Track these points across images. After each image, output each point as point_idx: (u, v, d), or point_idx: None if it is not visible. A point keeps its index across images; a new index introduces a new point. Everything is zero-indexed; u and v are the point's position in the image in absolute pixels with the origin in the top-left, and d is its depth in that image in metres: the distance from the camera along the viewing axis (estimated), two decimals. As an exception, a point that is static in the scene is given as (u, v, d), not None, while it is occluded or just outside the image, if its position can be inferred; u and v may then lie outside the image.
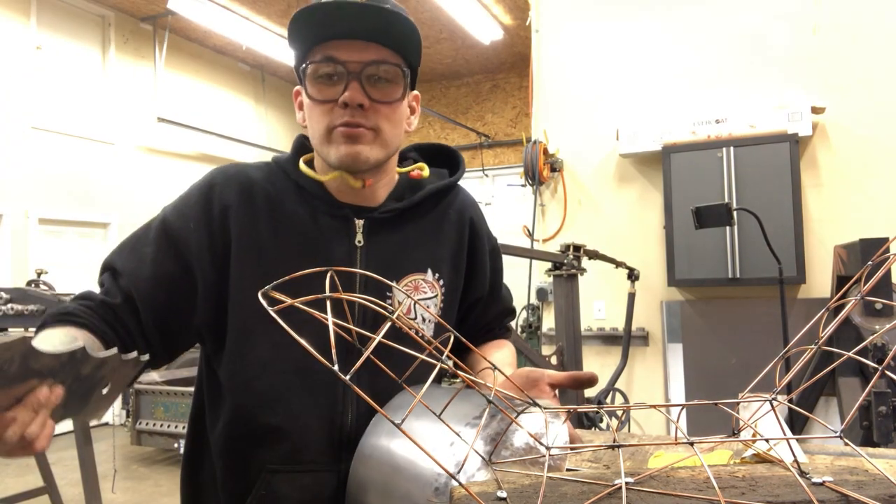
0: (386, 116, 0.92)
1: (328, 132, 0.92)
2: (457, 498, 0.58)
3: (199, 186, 0.96)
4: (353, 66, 0.89)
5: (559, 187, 4.38)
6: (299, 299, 0.56)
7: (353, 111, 0.89)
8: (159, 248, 0.92)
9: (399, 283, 0.98)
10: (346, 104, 0.89)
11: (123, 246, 0.95)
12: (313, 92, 0.91)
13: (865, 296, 0.63)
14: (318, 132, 0.93)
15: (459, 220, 1.06)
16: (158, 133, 7.27)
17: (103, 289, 0.92)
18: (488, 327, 1.17)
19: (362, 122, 0.90)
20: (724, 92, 3.95)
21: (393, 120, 0.93)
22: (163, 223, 0.94)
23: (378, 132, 0.92)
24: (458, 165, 1.10)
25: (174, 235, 0.92)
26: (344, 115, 0.90)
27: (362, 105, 0.89)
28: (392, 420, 0.54)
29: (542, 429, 0.72)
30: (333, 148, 0.92)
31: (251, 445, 0.92)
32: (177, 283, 0.91)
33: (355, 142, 0.91)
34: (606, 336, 4.20)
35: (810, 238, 3.70)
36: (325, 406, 0.91)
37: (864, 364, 0.68)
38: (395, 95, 0.92)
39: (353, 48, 0.89)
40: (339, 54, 0.89)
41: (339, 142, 0.91)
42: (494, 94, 9.12)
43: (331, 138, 0.92)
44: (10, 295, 2.89)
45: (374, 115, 0.91)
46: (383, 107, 0.91)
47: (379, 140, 0.92)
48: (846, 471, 0.62)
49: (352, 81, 0.89)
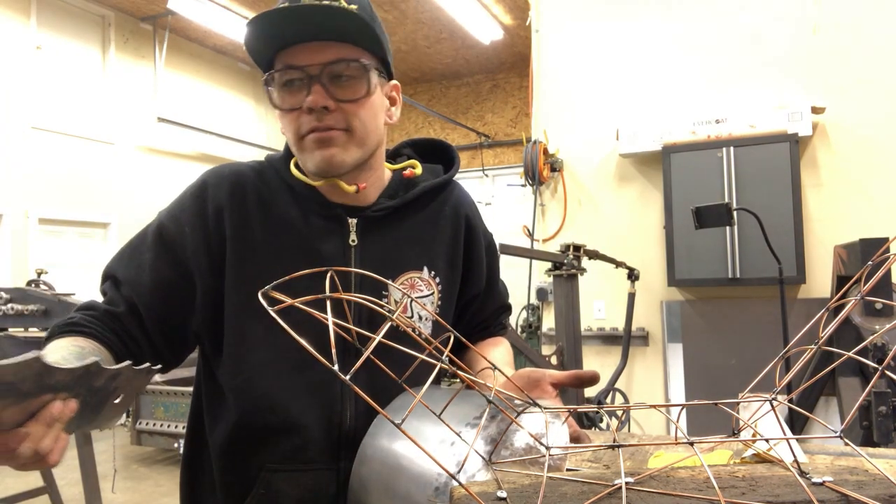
0: (355, 114, 0.90)
1: (300, 140, 0.91)
2: (457, 498, 0.58)
3: (193, 189, 0.96)
4: (312, 69, 0.87)
5: (559, 187, 4.38)
6: (299, 299, 0.56)
7: (320, 114, 0.88)
8: (157, 254, 0.92)
9: (395, 282, 0.98)
10: (311, 109, 0.88)
11: (122, 253, 0.95)
12: (278, 101, 0.91)
13: (865, 296, 0.63)
14: (292, 141, 0.92)
15: (455, 216, 1.06)
16: (158, 133, 7.27)
17: (106, 298, 0.93)
18: (485, 324, 1.17)
19: (331, 124, 0.89)
20: (724, 92, 3.95)
21: (364, 117, 0.91)
22: (159, 228, 0.94)
23: (351, 131, 0.90)
24: (453, 161, 1.09)
25: (171, 240, 0.92)
26: (311, 121, 0.89)
27: (327, 107, 0.88)
28: (392, 420, 0.54)
29: (543, 429, 0.72)
30: (308, 155, 0.91)
31: (250, 445, 0.92)
32: (177, 288, 0.92)
33: (328, 145, 0.89)
34: (606, 336, 4.20)
35: (810, 238, 3.70)
36: (324, 405, 0.91)
37: (864, 364, 0.68)
38: (361, 92, 0.90)
39: (310, 51, 0.88)
40: (296, 60, 0.88)
41: (312, 148, 0.90)
42: (494, 94, 9.12)
43: (303, 146, 0.91)
44: (10, 295, 2.89)
45: (343, 116, 0.89)
46: (350, 105, 0.90)
47: (353, 140, 0.91)
48: (846, 471, 0.62)
49: (313, 85, 0.87)
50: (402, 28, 7.34)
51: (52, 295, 2.94)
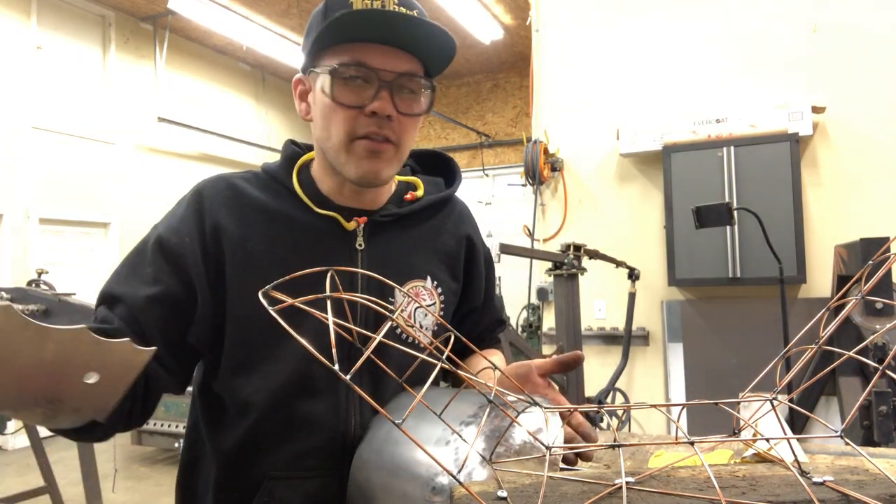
0: (408, 130, 0.90)
1: (350, 141, 0.88)
2: (457, 497, 0.58)
3: (188, 201, 0.93)
4: (385, 74, 0.85)
5: (559, 187, 4.38)
6: (299, 299, 0.56)
7: (381, 121, 0.86)
8: (159, 267, 0.88)
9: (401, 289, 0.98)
10: (375, 113, 0.85)
11: (119, 273, 0.90)
12: (339, 94, 0.86)
13: (866, 295, 0.63)
14: (338, 138, 0.88)
15: (456, 231, 1.06)
16: (159, 133, 7.27)
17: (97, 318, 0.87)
18: (480, 337, 1.17)
19: (388, 135, 0.87)
20: (724, 92, 3.95)
21: (412, 133, 0.91)
22: (158, 241, 0.90)
23: (398, 147, 0.90)
24: (455, 175, 1.09)
25: (172, 252, 0.89)
26: (370, 125, 0.86)
27: (390, 116, 0.86)
28: (392, 420, 0.54)
29: (541, 425, 0.72)
30: (354, 161, 0.88)
31: (254, 453, 0.91)
32: (181, 300, 0.88)
33: (377, 158, 0.88)
34: (607, 336, 4.20)
35: (810, 238, 3.70)
36: (328, 412, 0.90)
37: (864, 364, 0.68)
38: (420, 109, 0.90)
39: (387, 55, 0.86)
40: (372, 61, 0.85)
41: (362, 155, 0.88)
42: (495, 94, 9.12)
43: (351, 148, 0.88)
44: (10, 295, 2.89)
45: (399, 128, 0.88)
46: (407, 119, 0.89)
47: (398, 155, 0.91)
48: (847, 470, 0.62)
49: (382, 90, 0.85)
50: (402, 28, 7.34)
51: (53, 295, 2.94)
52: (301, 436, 0.90)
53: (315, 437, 0.90)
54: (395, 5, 0.84)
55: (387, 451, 0.77)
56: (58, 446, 5.28)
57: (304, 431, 0.90)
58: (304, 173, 0.98)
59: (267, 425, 0.90)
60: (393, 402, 0.85)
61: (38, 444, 3.14)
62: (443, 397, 0.68)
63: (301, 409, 0.90)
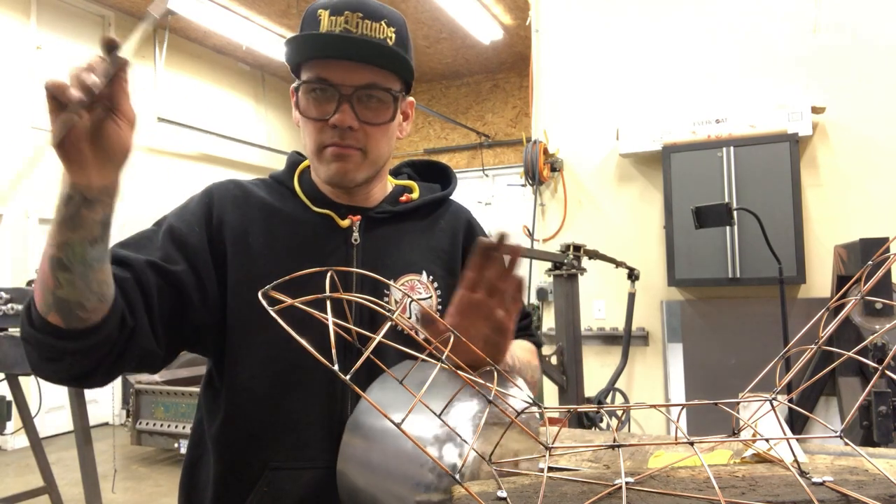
0: (374, 138, 0.95)
1: (319, 150, 0.95)
2: (457, 498, 0.58)
3: (199, 197, 1.00)
4: (345, 89, 0.91)
5: (559, 187, 4.38)
6: (299, 299, 0.56)
7: (343, 132, 0.92)
8: (167, 251, 0.91)
9: (395, 283, 0.99)
10: (336, 126, 0.91)
11: (128, 244, 0.91)
12: (305, 108, 0.94)
13: (865, 295, 0.63)
14: (310, 147, 0.97)
15: (451, 228, 1.09)
16: (159, 133, 7.27)
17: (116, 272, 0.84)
18: None
19: (351, 143, 0.93)
20: (724, 92, 3.95)
21: (381, 140, 0.97)
22: (169, 229, 0.93)
23: (366, 153, 0.95)
24: (451, 181, 1.14)
25: (181, 239, 0.93)
26: (334, 136, 0.93)
27: (351, 127, 0.92)
28: (393, 420, 0.54)
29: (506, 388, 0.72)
30: (324, 166, 0.95)
31: (252, 444, 0.93)
32: (186, 283, 0.90)
33: (344, 160, 0.94)
34: (606, 336, 4.20)
35: (810, 238, 3.70)
36: (325, 403, 0.92)
37: (864, 364, 0.68)
38: (385, 117, 0.95)
39: (347, 69, 0.91)
40: (332, 76, 0.91)
41: (330, 160, 0.94)
42: (494, 94, 9.12)
43: (321, 156, 0.95)
44: (10, 295, 2.89)
45: (363, 137, 0.94)
46: (372, 128, 0.94)
47: (367, 160, 0.96)
48: (846, 470, 0.62)
49: (343, 104, 0.91)
50: (402, 28, 7.34)
51: (52, 295, 2.94)
52: (299, 427, 0.92)
53: (313, 428, 0.92)
54: (360, 19, 0.92)
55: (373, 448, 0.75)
56: (57, 446, 5.28)
57: (303, 422, 0.92)
58: (306, 176, 1.05)
59: (265, 416, 0.92)
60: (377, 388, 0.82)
61: (37, 445, 3.14)
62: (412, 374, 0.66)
63: (299, 400, 0.92)
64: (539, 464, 0.72)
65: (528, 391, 0.79)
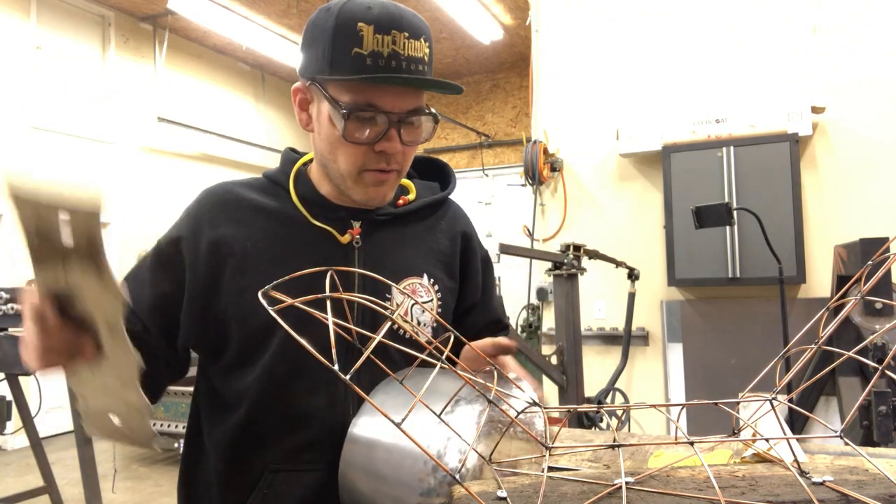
0: (410, 157, 0.96)
1: (358, 173, 0.92)
2: (457, 498, 0.58)
3: (187, 209, 1.00)
4: (394, 116, 0.89)
5: (559, 187, 4.38)
6: (299, 299, 0.56)
7: (388, 157, 0.91)
8: (154, 272, 0.97)
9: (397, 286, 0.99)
10: (382, 151, 0.90)
11: (126, 278, 0.99)
12: (350, 132, 0.88)
13: (865, 295, 0.63)
14: (346, 169, 0.92)
15: (451, 230, 1.09)
16: (159, 133, 7.26)
17: None
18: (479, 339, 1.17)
19: (395, 167, 0.93)
20: (724, 92, 3.95)
21: (412, 156, 0.97)
22: (156, 251, 0.99)
23: (401, 172, 0.96)
24: (450, 179, 1.13)
25: (167, 259, 0.96)
26: (379, 161, 0.91)
27: None
28: (393, 421, 0.54)
29: (512, 392, 0.72)
30: (361, 188, 0.94)
31: (253, 446, 0.93)
32: (177, 300, 0.95)
33: (384, 184, 0.94)
34: (606, 336, 4.20)
35: (810, 238, 3.70)
36: (326, 405, 0.92)
37: (864, 364, 0.68)
38: (424, 137, 0.95)
39: (396, 95, 0.88)
40: (382, 103, 0.88)
41: (369, 184, 0.93)
42: (494, 94, 9.12)
43: (361, 179, 0.93)
44: (9, 295, 2.89)
45: (403, 158, 0.94)
46: (410, 148, 0.94)
47: (399, 178, 0.97)
48: (846, 470, 0.62)
49: (391, 130, 0.89)
50: (402, 28, 7.33)
51: (53, 295, 2.94)
52: (300, 429, 0.92)
53: (314, 430, 0.91)
54: (406, 39, 0.87)
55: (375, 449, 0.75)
56: (57, 446, 5.28)
57: (303, 425, 0.92)
58: (303, 176, 1.02)
59: (266, 419, 0.92)
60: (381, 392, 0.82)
61: (37, 444, 3.14)
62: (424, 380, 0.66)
63: (299, 403, 0.92)
64: (539, 464, 0.72)
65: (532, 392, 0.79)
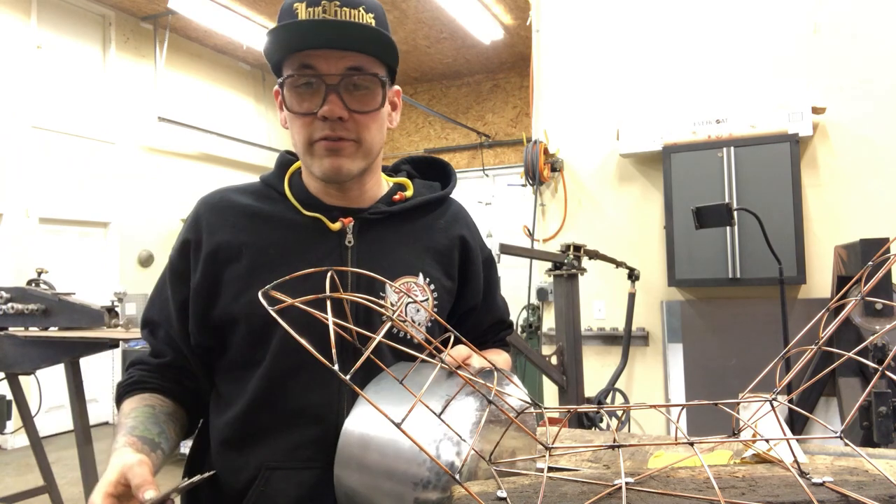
0: (366, 126, 0.93)
1: (309, 145, 0.92)
2: (457, 498, 0.58)
3: (187, 222, 1.01)
4: (330, 78, 0.89)
5: (559, 187, 4.38)
6: (299, 299, 0.56)
7: (333, 124, 0.90)
8: (173, 287, 0.99)
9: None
10: (326, 118, 0.89)
11: (152, 299, 1.03)
12: (291, 103, 0.92)
13: (866, 296, 0.63)
14: (300, 144, 0.94)
15: (449, 230, 1.07)
16: (159, 132, 7.27)
17: (151, 348, 1.02)
18: (483, 338, 1.17)
19: (343, 134, 0.91)
20: (724, 92, 3.95)
21: (373, 128, 0.94)
22: (170, 264, 1.01)
23: (360, 143, 0.93)
24: (450, 179, 1.12)
25: (178, 270, 0.99)
26: (324, 129, 0.90)
27: (342, 118, 0.89)
28: (392, 419, 0.54)
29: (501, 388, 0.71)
30: (316, 161, 0.93)
31: (250, 444, 0.93)
32: None
33: (337, 154, 0.92)
34: (606, 336, 4.20)
35: (810, 238, 3.70)
36: (323, 404, 0.92)
37: (864, 364, 0.68)
38: (374, 104, 0.93)
39: (330, 58, 0.89)
40: (316, 63, 0.89)
41: (322, 155, 0.92)
42: (495, 94, 9.12)
43: (313, 151, 0.93)
44: (10, 294, 2.89)
45: (355, 126, 0.91)
46: (362, 116, 0.92)
47: (361, 150, 0.94)
48: (846, 471, 0.62)
49: (330, 94, 0.88)
50: (402, 28, 7.34)
51: (53, 294, 2.94)
52: (297, 427, 0.92)
53: (310, 428, 0.92)
54: (337, 7, 0.88)
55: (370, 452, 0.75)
56: (57, 446, 5.28)
57: (300, 423, 0.92)
58: (296, 178, 1.03)
59: (262, 417, 0.93)
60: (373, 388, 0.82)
61: (37, 444, 3.14)
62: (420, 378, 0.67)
63: (296, 401, 0.92)
64: (539, 464, 0.72)
65: None
